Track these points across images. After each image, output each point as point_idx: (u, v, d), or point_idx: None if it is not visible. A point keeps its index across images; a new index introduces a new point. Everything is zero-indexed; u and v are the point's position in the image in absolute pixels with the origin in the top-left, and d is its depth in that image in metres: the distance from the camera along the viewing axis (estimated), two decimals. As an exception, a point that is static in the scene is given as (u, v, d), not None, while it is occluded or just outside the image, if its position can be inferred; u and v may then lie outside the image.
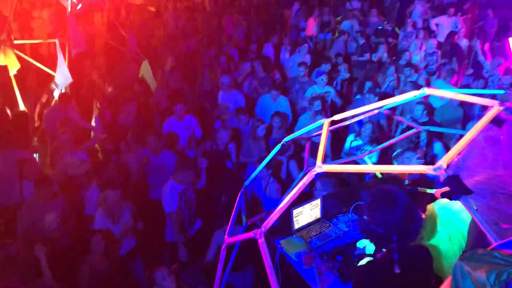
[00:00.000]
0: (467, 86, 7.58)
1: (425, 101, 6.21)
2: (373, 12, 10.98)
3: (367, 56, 9.26)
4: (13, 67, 6.46)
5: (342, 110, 7.12)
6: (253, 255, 4.34)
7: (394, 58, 9.20)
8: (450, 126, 6.06)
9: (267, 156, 3.55)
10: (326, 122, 2.93)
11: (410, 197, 2.32)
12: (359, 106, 3.18)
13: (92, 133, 6.54)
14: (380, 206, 2.25)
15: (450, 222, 2.98)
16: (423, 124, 5.23)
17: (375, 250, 2.72)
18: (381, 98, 6.36)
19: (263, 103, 7.26)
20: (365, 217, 2.31)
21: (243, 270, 4.52)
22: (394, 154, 5.41)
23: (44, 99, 7.01)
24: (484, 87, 7.02)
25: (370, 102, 6.29)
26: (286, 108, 7.17)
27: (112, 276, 4.33)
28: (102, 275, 4.22)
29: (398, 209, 2.21)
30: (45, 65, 7.00)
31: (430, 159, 5.32)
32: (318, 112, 6.34)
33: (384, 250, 2.34)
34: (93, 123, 6.84)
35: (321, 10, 11.49)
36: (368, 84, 7.59)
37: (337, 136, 6.65)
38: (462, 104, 6.52)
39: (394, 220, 2.20)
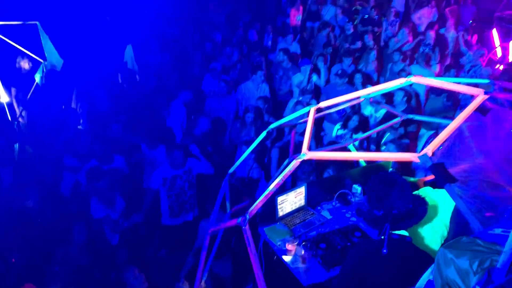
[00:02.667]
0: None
1: (406, 88, 6.14)
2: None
3: (358, 44, 9.11)
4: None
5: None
6: (232, 243, 4.36)
7: (376, 47, 9.07)
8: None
9: (254, 139, 3.51)
10: (312, 109, 2.90)
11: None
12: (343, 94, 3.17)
13: None
14: (380, 189, 2.35)
15: (432, 211, 3.01)
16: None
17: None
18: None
19: (246, 90, 7.18)
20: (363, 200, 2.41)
21: (223, 257, 4.50)
22: (382, 141, 5.41)
23: None
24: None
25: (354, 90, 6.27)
26: (267, 94, 7.19)
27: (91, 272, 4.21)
28: (80, 268, 4.06)
29: (396, 190, 2.32)
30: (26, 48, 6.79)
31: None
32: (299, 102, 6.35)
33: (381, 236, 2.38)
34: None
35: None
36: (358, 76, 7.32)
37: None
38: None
39: (394, 201, 2.31)
